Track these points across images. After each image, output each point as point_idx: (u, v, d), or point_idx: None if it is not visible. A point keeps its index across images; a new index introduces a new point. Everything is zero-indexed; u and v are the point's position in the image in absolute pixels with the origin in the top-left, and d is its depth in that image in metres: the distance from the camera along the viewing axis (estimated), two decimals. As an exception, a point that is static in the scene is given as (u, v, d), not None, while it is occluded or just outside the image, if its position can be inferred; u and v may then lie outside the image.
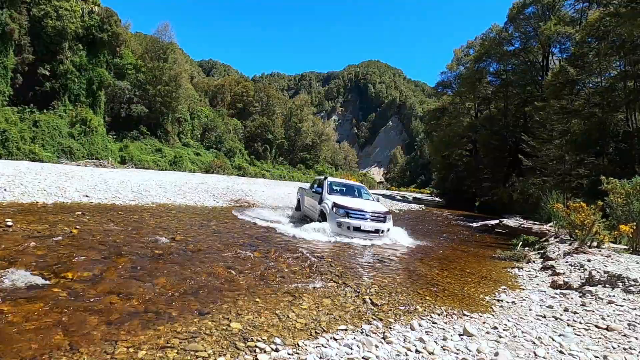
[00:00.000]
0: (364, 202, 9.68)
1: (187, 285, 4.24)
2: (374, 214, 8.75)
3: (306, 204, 11.27)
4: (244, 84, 67.23)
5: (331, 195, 9.53)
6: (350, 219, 8.46)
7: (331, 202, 8.89)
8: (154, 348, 2.65)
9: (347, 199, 9.37)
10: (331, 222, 8.56)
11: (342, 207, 8.63)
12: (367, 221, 8.55)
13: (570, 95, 20.19)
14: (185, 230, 7.96)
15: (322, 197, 9.51)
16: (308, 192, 11.25)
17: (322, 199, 9.46)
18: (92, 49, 32.03)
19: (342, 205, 8.69)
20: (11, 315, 3.02)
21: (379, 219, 8.74)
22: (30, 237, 5.74)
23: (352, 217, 8.49)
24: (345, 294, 4.45)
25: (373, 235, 8.51)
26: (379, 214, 8.84)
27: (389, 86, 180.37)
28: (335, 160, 78.73)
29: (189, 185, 16.98)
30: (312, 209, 10.29)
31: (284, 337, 3.03)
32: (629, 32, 16.21)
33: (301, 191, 12.58)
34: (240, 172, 44.29)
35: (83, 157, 27.50)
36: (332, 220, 8.56)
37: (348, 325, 3.38)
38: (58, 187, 11.00)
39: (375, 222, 8.62)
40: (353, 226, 8.39)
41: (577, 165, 18.71)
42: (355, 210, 8.58)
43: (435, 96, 52.29)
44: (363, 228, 8.43)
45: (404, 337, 3.16)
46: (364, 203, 9.41)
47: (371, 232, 8.50)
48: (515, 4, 32.04)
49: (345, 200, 9.12)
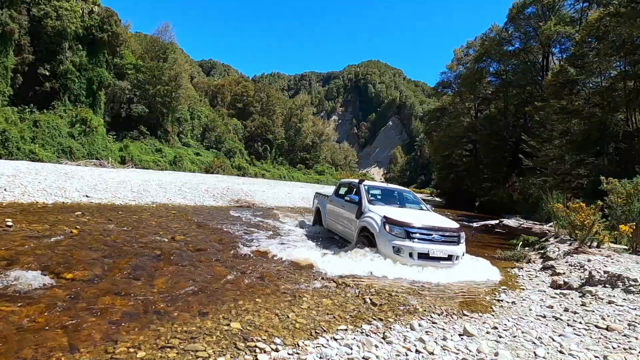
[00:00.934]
0: (421, 213, 6.95)
1: (187, 285, 4.24)
2: (444, 232, 6.01)
3: (331, 216, 8.46)
4: (244, 84, 67.27)
5: (375, 206, 6.77)
6: (414, 241, 5.75)
7: (380, 216, 6.17)
8: (153, 348, 2.65)
9: (398, 211, 6.64)
10: (384, 246, 5.88)
11: (398, 223, 5.92)
12: (437, 244, 5.86)
13: (570, 95, 20.18)
14: (185, 230, 7.96)
15: (361, 209, 6.79)
16: (334, 201, 8.51)
17: (361, 211, 6.76)
18: (92, 49, 32.03)
19: (398, 221, 5.97)
20: (11, 315, 3.02)
21: (451, 240, 6.01)
22: (30, 237, 5.75)
23: (416, 238, 5.78)
24: (345, 294, 4.45)
25: (444, 263, 5.85)
26: (451, 232, 6.08)
27: (389, 86, 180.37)
28: (335, 160, 78.73)
29: (188, 185, 16.98)
30: (343, 224, 7.63)
31: (284, 337, 3.03)
32: (629, 32, 16.21)
33: (320, 198, 9.55)
34: (240, 172, 44.30)
35: (83, 157, 27.50)
36: (385, 244, 5.87)
37: (348, 325, 3.38)
38: (58, 187, 11.00)
39: (447, 245, 5.93)
40: (418, 252, 5.70)
41: (577, 165, 18.72)
42: (419, 229, 5.88)
43: (435, 96, 52.26)
44: (432, 254, 5.74)
45: (404, 337, 3.16)
46: (424, 215, 6.70)
47: (443, 259, 5.84)
48: (515, 4, 32.04)
49: (399, 213, 6.42)
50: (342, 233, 7.71)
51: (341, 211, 7.78)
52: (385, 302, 4.26)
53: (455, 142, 39.77)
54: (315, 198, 10.12)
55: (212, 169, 39.89)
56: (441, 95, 46.04)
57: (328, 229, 8.65)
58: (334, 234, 8.21)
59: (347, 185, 8.53)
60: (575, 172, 18.56)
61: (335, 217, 8.20)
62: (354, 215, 6.98)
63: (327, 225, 8.74)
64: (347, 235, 7.42)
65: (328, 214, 8.70)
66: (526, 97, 30.76)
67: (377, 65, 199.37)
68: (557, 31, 26.77)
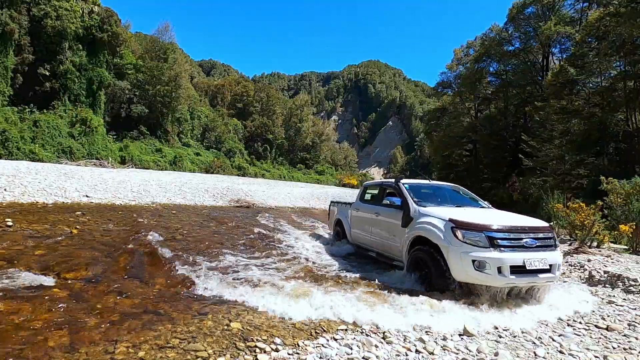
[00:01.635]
0: (492, 212, 5.31)
1: (187, 285, 4.24)
2: (536, 233, 4.32)
3: (360, 228, 6.78)
4: (244, 84, 67.31)
5: (428, 208, 4.98)
6: (501, 250, 4.03)
7: (443, 219, 4.46)
8: (154, 348, 2.65)
9: (461, 211, 4.84)
10: (458, 262, 4.10)
11: (474, 226, 4.20)
12: (532, 250, 4.15)
13: (570, 95, 20.17)
14: (185, 230, 7.96)
15: (408, 214, 5.04)
16: (361, 208, 6.84)
17: (409, 216, 5.00)
18: (92, 49, 32.05)
19: (473, 223, 4.25)
20: (11, 315, 3.02)
21: (548, 243, 4.33)
22: (31, 237, 5.75)
23: (503, 245, 4.07)
24: (345, 292, 4.45)
25: (545, 277, 4.10)
26: (545, 233, 4.40)
27: (389, 86, 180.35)
28: (335, 160, 78.71)
29: (189, 185, 16.98)
30: (381, 237, 5.91)
31: (284, 337, 3.03)
32: (629, 32, 16.21)
33: (340, 208, 7.94)
34: (240, 172, 44.31)
35: (83, 157, 27.51)
36: (459, 259, 4.09)
37: (348, 325, 3.37)
38: (58, 187, 11.01)
39: (544, 251, 4.22)
40: (511, 265, 3.95)
41: (577, 165, 18.71)
42: (505, 231, 4.17)
43: (435, 96, 52.21)
44: (530, 266, 4.01)
45: (404, 337, 3.16)
46: (498, 215, 4.99)
47: (543, 271, 4.09)
48: (515, 4, 32.02)
49: (466, 214, 4.68)
50: (381, 248, 5.93)
51: (375, 220, 6.09)
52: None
53: (455, 142, 39.73)
54: (332, 207, 8.49)
55: (212, 169, 39.90)
56: (441, 95, 45.99)
57: (357, 245, 6.91)
58: (366, 249, 6.47)
59: (377, 187, 6.77)
60: (575, 172, 18.55)
61: (366, 228, 6.51)
62: (397, 222, 5.25)
63: (354, 239, 7.03)
64: (388, 250, 5.62)
65: (355, 226, 7.03)
66: (526, 97, 30.74)
67: (377, 65, 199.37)
68: (557, 31, 26.76)
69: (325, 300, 3.86)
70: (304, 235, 8.96)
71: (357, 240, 6.94)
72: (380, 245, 5.97)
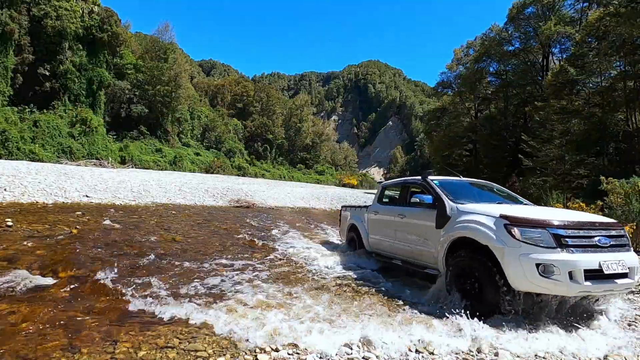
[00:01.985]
0: (544, 209, 4.83)
1: (187, 285, 4.24)
2: (608, 229, 3.64)
3: (380, 234, 5.96)
4: (244, 84, 67.35)
5: (468, 204, 4.28)
6: (571, 251, 3.33)
7: (492, 215, 3.72)
8: (154, 348, 2.65)
9: (512, 208, 4.12)
10: (517, 267, 3.33)
11: (535, 222, 3.50)
12: (606, 251, 3.47)
13: (570, 95, 20.18)
14: (185, 230, 7.96)
15: (444, 213, 4.31)
16: (381, 211, 6.06)
17: (445, 215, 4.28)
18: (92, 49, 32.08)
19: (532, 218, 3.56)
20: (11, 315, 3.02)
21: (621, 242, 3.66)
22: (31, 237, 5.75)
23: (573, 245, 3.37)
24: (345, 292, 4.44)
25: (624, 283, 3.40)
26: (617, 229, 3.72)
27: (389, 86, 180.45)
28: (335, 160, 78.76)
29: (189, 185, 16.99)
30: (408, 242, 5.08)
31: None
32: (629, 32, 16.22)
33: (355, 212, 7.06)
34: (240, 172, 44.33)
35: (83, 157, 27.52)
36: (519, 263, 3.33)
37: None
38: (58, 187, 11.01)
39: (619, 252, 3.55)
40: (585, 269, 3.25)
41: (577, 165, 18.71)
42: (574, 229, 3.48)
43: (435, 96, 52.17)
44: (608, 270, 3.31)
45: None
46: (556, 210, 4.61)
47: (621, 275, 3.39)
48: (515, 4, 32.03)
49: (520, 210, 4.00)
50: (408, 255, 5.07)
51: (400, 223, 5.28)
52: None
53: (455, 142, 39.75)
54: (344, 212, 7.55)
55: (212, 169, 39.92)
56: (441, 95, 45.99)
57: (376, 253, 6.01)
58: (389, 257, 5.56)
59: (399, 186, 6.01)
60: (575, 172, 18.55)
61: (387, 233, 5.66)
62: (429, 224, 4.51)
63: (373, 247, 6.13)
64: (418, 257, 4.82)
65: (373, 232, 6.16)
66: (526, 97, 30.76)
67: (377, 65, 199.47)
68: (557, 31, 26.77)
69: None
70: (313, 243, 8.09)
71: (376, 247, 6.05)
72: (407, 252, 5.10)
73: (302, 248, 7.23)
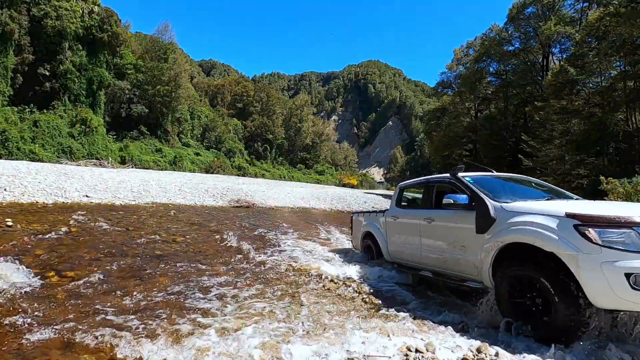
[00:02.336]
0: (609, 203, 4.58)
1: (187, 285, 4.24)
2: None
3: (399, 242, 5.32)
4: (244, 84, 67.38)
5: (516, 203, 3.60)
6: None
7: (555, 215, 2.99)
8: (153, 349, 2.65)
9: (574, 204, 3.47)
10: (600, 277, 2.57)
11: (618, 221, 2.70)
12: None
13: (570, 95, 20.19)
14: (185, 230, 7.96)
15: (487, 214, 3.60)
16: (401, 216, 5.30)
17: (489, 217, 3.58)
18: (92, 49, 32.10)
19: (612, 217, 2.75)
20: (11, 316, 3.02)
21: None
22: (30, 236, 5.75)
23: None
24: (344, 293, 4.44)
25: None
26: None
27: (389, 86, 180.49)
28: (335, 160, 78.79)
29: (189, 185, 16.99)
30: (438, 251, 4.39)
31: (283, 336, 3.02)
32: (629, 32, 16.23)
33: (370, 218, 6.33)
34: (240, 172, 44.34)
35: (83, 157, 27.53)
36: (601, 273, 2.57)
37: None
38: (58, 187, 11.01)
39: None
40: None
41: (577, 165, 18.72)
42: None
43: (435, 96, 52.19)
44: None
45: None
46: (627, 204, 4.04)
47: None
48: (515, 4, 32.04)
49: (585, 206, 3.39)
50: (440, 265, 4.31)
51: (428, 228, 4.51)
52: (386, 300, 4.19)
53: (455, 142, 39.77)
54: (357, 218, 6.87)
55: (212, 169, 39.93)
56: (441, 95, 46.00)
57: (398, 263, 5.29)
58: (415, 268, 4.83)
59: (421, 186, 5.10)
60: (575, 172, 18.56)
61: (411, 241, 4.89)
62: (468, 227, 3.81)
63: (394, 256, 5.41)
64: (454, 267, 4.05)
65: (394, 240, 5.41)
66: (526, 97, 30.76)
67: (377, 65, 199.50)
68: (557, 31, 26.78)
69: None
70: (324, 250, 7.34)
71: (398, 256, 5.30)
72: (438, 261, 4.34)
73: (311, 255, 6.59)
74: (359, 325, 3.12)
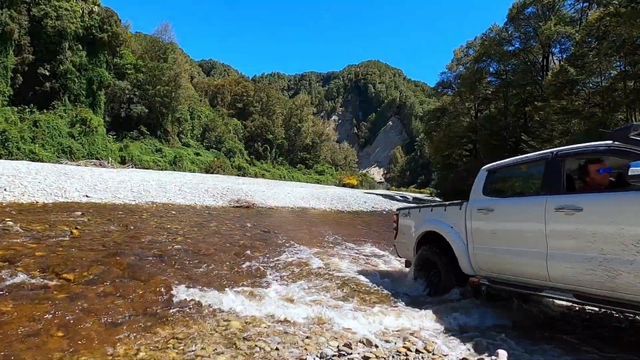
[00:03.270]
0: None
1: (188, 285, 4.23)
2: None
3: (492, 246, 3.55)
4: (244, 84, 67.33)
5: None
6: None
7: None
8: (154, 349, 2.65)
9: None
10: None
11: None
12: None
13: (570, 95, 20.18)
14: (185, 230, 7.96)
15: None
16: (500, 206, 3.55)
17: None
18: (92, 49, 32.08)
19: None
20: (11, 316, 3.01)
21: None
22: (30, 237, 5.74)
23: None
24: (344, 292, 4.44)
25: None
26: None
27: (389, 86, 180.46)
28: (335, 160, 78.74)
29: (189, 185, 16.98)
30: (586, 262, 2.70)
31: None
32: (629, 32, 16.21)
33: (433, 215, 4.46)
34: (240, 172, 44.32)
35: (83, 157, 27.52)
36: None
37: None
38: (58, 187, 11.01)
39: None
40: None
41: (577, 165, 18.71)
42: None
43: (435, 96, 52.21)
44: None
45: (404, 336, 3.15)
46: None
47: None
48: (515, 4, 32.02)
49: None
50: (594, 286, 2.69)
51: (563, 224, 2.90)
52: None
53: (455, 142, 39.77)
54: (405, 220, 5.03)
55: (212, 169, 39.92)
56: (441, 95, 46.00)
57: (492, 280, 3.57)
58: (530, 287, 3.21)
59: (540, 162, 3.36)
60: (575, 172, 18.55)
61: (528, 243, 3.18)
62: None
63: (488, 269, 3.63)
64: (631, 288, 2.47)
65: (485, 242, 3.64)
66: (526, 97, 30.75)
67: (377, 65, 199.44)
68: (557, 31, 26.76)
69: None
70: (343, 263, 5.96)
71: (495, 269, 3.57)
72: (590, 277, 2.70)
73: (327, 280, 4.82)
74: None
